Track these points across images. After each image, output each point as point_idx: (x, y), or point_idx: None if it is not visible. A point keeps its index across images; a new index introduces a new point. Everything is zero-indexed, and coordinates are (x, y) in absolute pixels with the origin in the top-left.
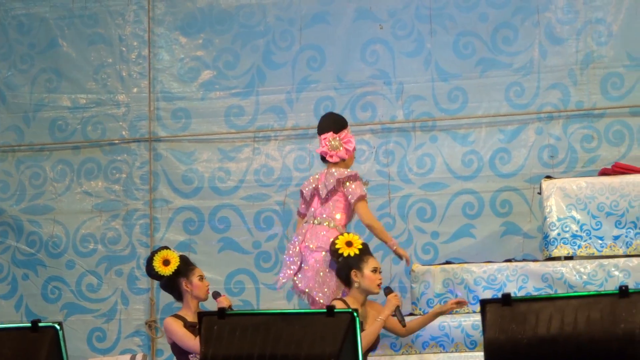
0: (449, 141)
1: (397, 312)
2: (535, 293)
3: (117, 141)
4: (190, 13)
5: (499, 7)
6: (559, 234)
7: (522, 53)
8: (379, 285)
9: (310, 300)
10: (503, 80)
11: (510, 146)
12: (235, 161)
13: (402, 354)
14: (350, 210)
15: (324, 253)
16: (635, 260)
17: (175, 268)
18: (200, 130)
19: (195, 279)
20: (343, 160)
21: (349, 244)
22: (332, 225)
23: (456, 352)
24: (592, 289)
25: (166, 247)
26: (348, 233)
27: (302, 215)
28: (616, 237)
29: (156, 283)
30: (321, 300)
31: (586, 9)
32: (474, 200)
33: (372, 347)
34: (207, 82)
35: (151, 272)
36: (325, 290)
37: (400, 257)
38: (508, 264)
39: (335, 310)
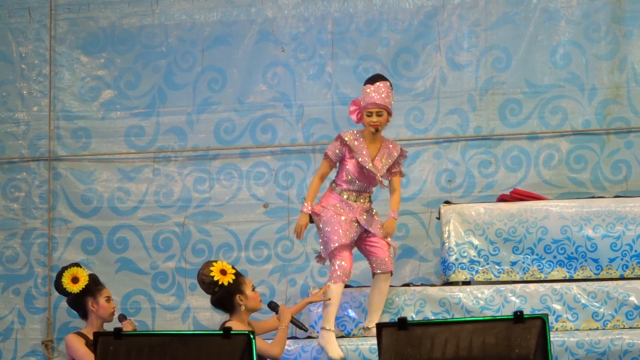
0: None
1: (294, 320)
2: (432, 317)
3: (16, 159)
4: (93, 32)
5: (401, 32)
6: (457, 259)
7: (423, 78)
8: (260, 301)
9: None
10: (403, 105)
11: (408, 170)
12: (135, 181)
13: None
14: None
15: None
16: (532, 286)
17: (83, 287)
18: (101, 150)
19: (102, 300)
20: None
21: (223, 272)
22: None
23: None
24: (489, 314)
25: (77, 265)
26: (217, 262)
27: None
28: (513, 263)
29: (54, 302)
30: None
31: (486, 36)
32: None
33: None
34: (108, 101)
35: (59, 288)
36: None
37: None
38: (406, 288)
39: (232, 332)
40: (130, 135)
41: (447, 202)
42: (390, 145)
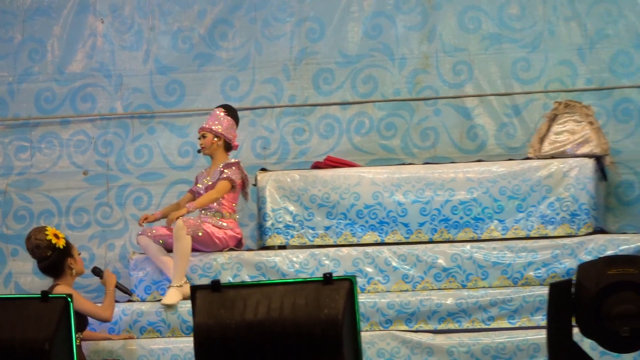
0: (167, 133)
1: (119, 284)
2: (249, 281)
3: None
4: None
5: (217, 4)
6: (272, 224)
7: (239, 49)
8: (84, 265)
9: None
10: (219, 75)
11: None
12: None
13: (121, 338)
14: None
15: None
16: (344, 249)
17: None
18: None
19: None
20: None
21: (56, 236)
22: None
23: (173, 337)
24: (304, 277)
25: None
26: (47, 227)
27: None
28: (327, 228)
29: None
30: None
31: (301, 7)
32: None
33: (82, 327)
34: None
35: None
36: None
37: None
38: (223, 253)
39: (50, 295)
40: None
41: (264, 169)
42: (221, 166)
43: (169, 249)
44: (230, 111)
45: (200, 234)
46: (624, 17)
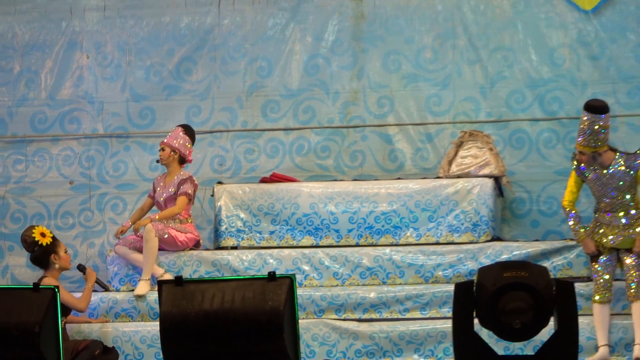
0: (140, 151)
1: (98, 280)
2: (206, 276)
3: None
4: None
5: (183, 44)
6: (226, 229)
7: (201, 82)
8: (70, 262)
9: None
10: (184, 103)
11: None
12: None
13: (99, 322)
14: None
15: None
16: (286, 251)
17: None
18: None
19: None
20: None
21: (42, 234)
22: None
23: (142, 321)
24: (252, 273)
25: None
26: (38, 226)
27: None
28: (272, 232)
29: None
30: None
31: (252, 49)
32: None
33: (66, 313)
34: None
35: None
36: None
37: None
38: (185, 252)
39: (40, 286)
40: None
41: (220, 183)
42: (178, 175)
43: (138, 250)
44: (188, 130)
45: (165, 236)
46: (518, 63)
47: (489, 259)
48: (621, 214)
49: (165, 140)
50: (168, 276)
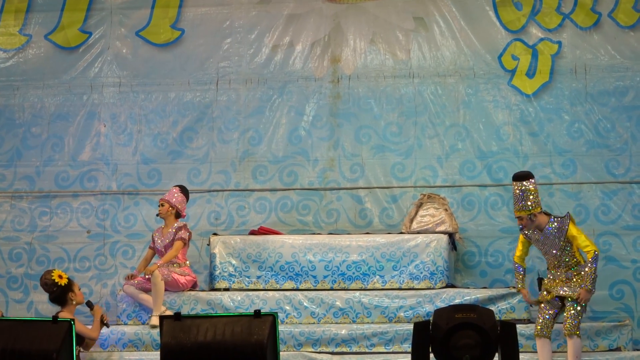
0: (147, 205)
1: (102, 317)
2: (202, 313)
3: None
4: None
5: (186, 116)
6: (220, 273)
7: (201, 148)
8: (83, 297)
9: None
10: (186, 166)
11: (189, 211)
12: None
13: (109, 351)
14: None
15: None
16: (270, 293)
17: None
18: None
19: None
20: None
21: (60, 277)
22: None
23: (146, 350)
24: (242, 311)
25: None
26: (55, 270)
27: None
28: (259, 277)
29: None
30: None
31: (245, 121)
32: None
33: (80, 342)
34: None
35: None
36: None
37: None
38: (184, 292)
39: (58, 319)
40: None
41: (215, 234)
42: (173, 226)
43: (145, 290)
44: (184, 190)
45: (170, 279)
46: (470, 137)
47: (444, 303)
48: (564, 269)
49: (165, 198)
50: (169, 312)
